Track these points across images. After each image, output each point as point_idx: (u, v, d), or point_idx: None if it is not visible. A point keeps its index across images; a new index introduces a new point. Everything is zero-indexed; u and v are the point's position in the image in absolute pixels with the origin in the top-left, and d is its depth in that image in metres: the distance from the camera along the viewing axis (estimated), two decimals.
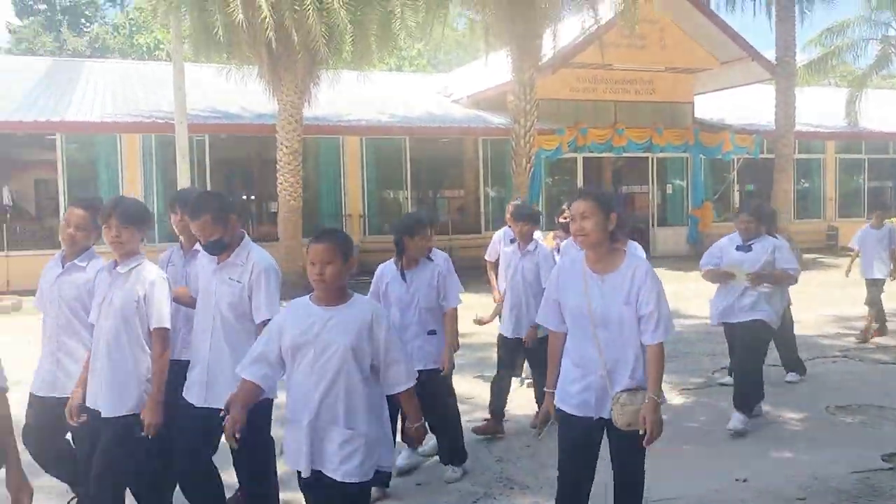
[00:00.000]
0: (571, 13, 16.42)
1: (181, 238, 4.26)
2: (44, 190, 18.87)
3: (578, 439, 3.35)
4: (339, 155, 17.03)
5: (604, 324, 3.27)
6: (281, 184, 14.07)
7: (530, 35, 15.19)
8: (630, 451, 3.33)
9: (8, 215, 16.53)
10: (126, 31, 49.28)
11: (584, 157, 19.02)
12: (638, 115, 18.98)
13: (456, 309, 4.85)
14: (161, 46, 44.29)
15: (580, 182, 19.06)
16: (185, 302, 3.97)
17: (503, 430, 5.66)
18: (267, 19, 11.92)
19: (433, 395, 4.59)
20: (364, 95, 17.30)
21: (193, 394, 3.73)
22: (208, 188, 16.07)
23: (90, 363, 3.71)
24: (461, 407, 5.21)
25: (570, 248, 5.57)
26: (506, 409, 5.73)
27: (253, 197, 18.81)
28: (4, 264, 14.17)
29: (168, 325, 3.68)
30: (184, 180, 13.43)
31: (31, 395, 4.02)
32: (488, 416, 5.70)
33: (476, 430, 5.55)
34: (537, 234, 5.92)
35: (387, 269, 4.80)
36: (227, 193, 4.62)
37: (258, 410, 3.37)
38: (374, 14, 13.03)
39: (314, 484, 3.08)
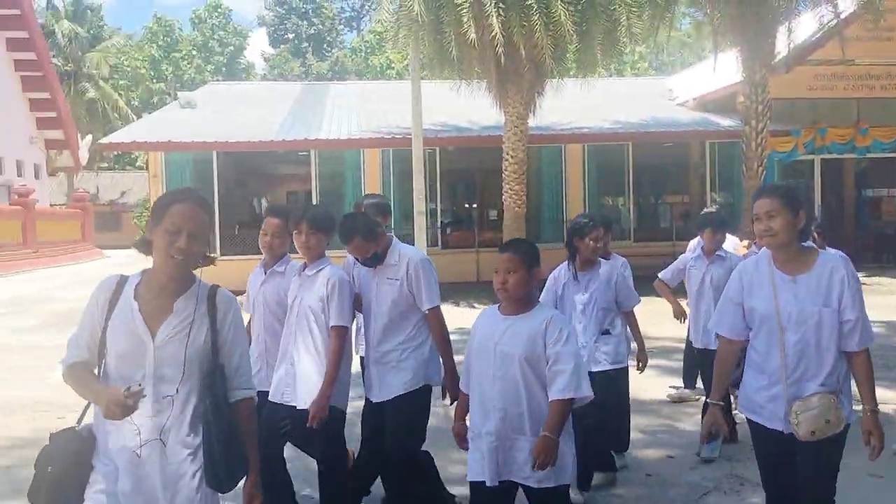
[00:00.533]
0: (808, 8, 15.56)
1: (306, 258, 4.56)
2: (294, 200, 21.16)
3: (773, 455, 3.15)
4: (561, 162, 17.45)
5: (796, 328, 3.03)
6: (506, 192, 14.72)
7: (762, 33, 14.60)
8: (816, 467, 3.03)
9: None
10: (362, 53, 53.13)
11: (822, 159, 17.85)
12: (884, 113, 17.47)
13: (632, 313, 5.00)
14: (392, 66, 47.43)
15: (817, 186, 17.92)
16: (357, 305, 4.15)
17: (737, 437, 5.48)
18: (497, 36, 12.61)
19: (616, 394, 4.77)
20: (586, 102, 17.56)
21: (371, 392, 4.08)
22: (438, 198, 17.23)
23: (279, 360, 3.98)
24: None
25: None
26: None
27: (475, 205, 19.76)
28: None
29: (345, 324, 3.88)
30: (419, 192, 14.51)
31: None
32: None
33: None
34: (731, 242, 5.87)
35: (561, 273, 4.83)
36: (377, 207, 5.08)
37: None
38: (599, 23, 13.27)
39: (499, 493, 3.08)
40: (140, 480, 2.37)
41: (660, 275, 6.11)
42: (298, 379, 3.87)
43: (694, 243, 6.53)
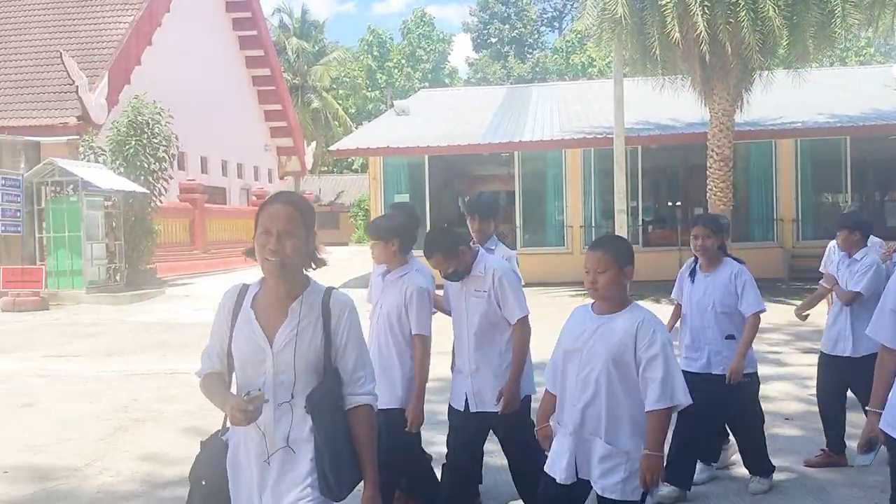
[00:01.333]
0: None
1: (475, 240, 4.60)
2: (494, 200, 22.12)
3: None
4: (771, 159, 16.88)
5: None
6: (710, 189, 14.57)
7: None
8: None
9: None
10: (563, 52, 53.54)
11: None
12: None
13: (757, 316, 4.52)
14: (594, 64, 47.41)
15: None
16: (442, 308, 4.20)
17: (846, 461, 5.02)
18: (702, 35, 12.60)
19: (737, 402, 4.55)
20: (798, 96, 16.84)
21: (461, 402, 3.99)
22: (640, 196, 17.33)
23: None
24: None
25: None
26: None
27: (678, 203, 19.55)
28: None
29: (425, 333, 3.91)
30: (620, 190, 14.77)
31: None
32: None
33: (808, 463, 5.11)
34: (873, 244, 5.50)
35: (686, 270, 4.74)
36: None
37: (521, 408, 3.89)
38: (811, 15, 12.82)
39: (571, 490, 3.03)
40: (265, 486, 2.37)
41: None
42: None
43: (832, 245, 6.27)
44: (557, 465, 3.02)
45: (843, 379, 5.11)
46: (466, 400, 3.95)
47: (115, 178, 16.08)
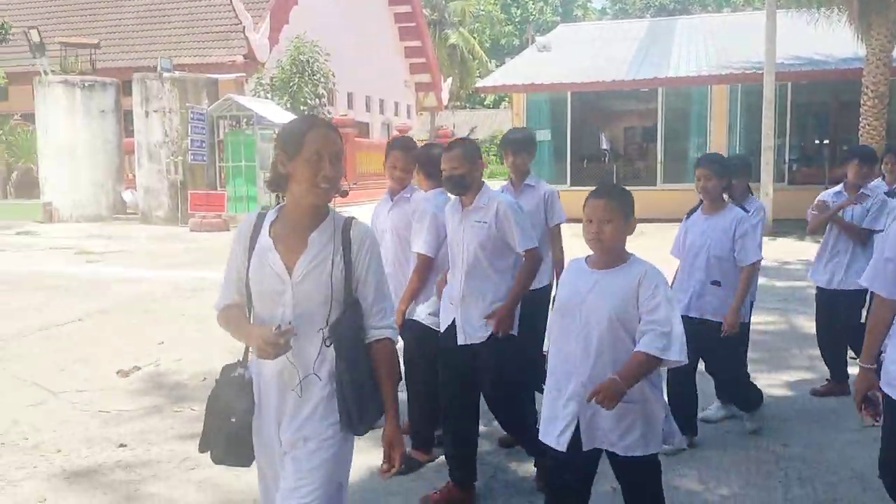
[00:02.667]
0: None
1: (512, 176, 4.70)
2: (630, 136, 22.21)
3: None
4: None
5: None
6: (863, 127, 14.36)
7: None
8: None
9: (606, 158, 20.22)
10: None
11: None
12: None
13: (753, 266, 4.35)
14: None
15: None
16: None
17: (849, 389, 5.02)
18: None
19: (718, 346, 4.36)
20: None
21: (451, 334, 3.82)
22: (788, 135, 17.16)
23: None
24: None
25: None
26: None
27: (826, 141, 19.10)
28: None
29: (419, 251, 4.08)
30: (767, 127, 14.80)
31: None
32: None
33: (814, 392, 5.29)
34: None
35: (692, 215, 4.54)
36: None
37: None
38: None
39: (578, 461, 2.84)
40: (291, 418, 2.34)
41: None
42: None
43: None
44: (553, 435, 2.84)
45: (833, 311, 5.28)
46: (455, 334, 3.80)
47: (283, 112, 17.60)
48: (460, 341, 3.77)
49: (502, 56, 49.90)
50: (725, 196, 4.44)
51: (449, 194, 3.99)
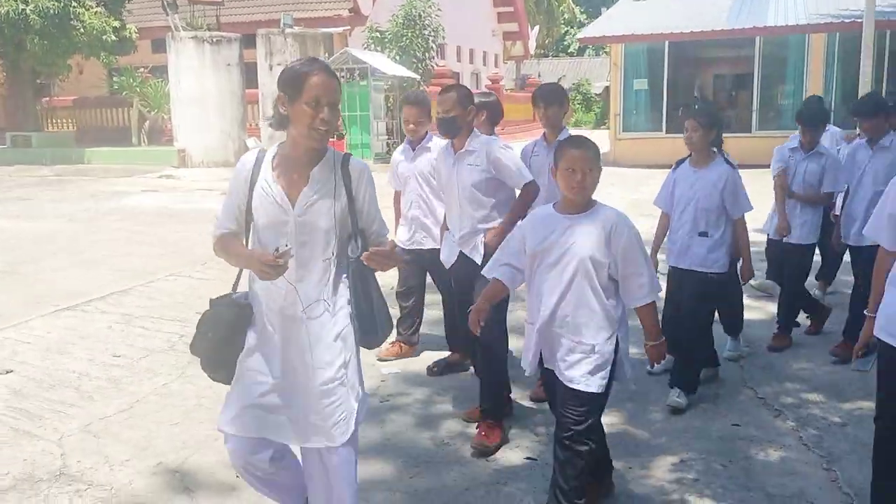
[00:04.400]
0: None
1: (546, 130, 4.65)
2: (721, 84, 22.48)
3: None
4: None
5: None
6: None
7: None
8: None
9: (696, 106, 20.60)
10: None
11: None
12: None
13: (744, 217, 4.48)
14: None
15: None
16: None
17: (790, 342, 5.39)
18: None
19: (692, 298, 4.45)
20: None
21: (452, 259, 4.25)
22: (884, 82, 17.42)
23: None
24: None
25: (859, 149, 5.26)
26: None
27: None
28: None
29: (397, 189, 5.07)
30: (866, 76, 15.19)
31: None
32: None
33: (771, 348, 5.35)
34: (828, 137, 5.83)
35: (679, 166, 4.63)
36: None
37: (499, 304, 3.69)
38: None
39: (552, 378, 3.16)
40: (291, 340, 2.56)
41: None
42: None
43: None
44: (524, 358, 3.23)
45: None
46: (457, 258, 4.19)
47: (394, 64, 18.81)
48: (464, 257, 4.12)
49: (584, 2, 49.66)
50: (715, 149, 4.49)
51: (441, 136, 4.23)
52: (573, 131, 4.12)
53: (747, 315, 5.50)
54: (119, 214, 11.86)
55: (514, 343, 4.51)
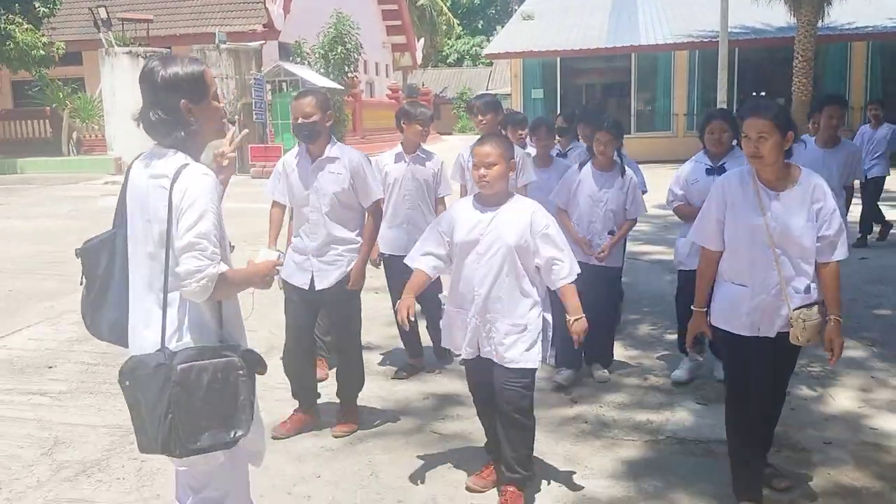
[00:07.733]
0: None
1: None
2: (603, 93, 25.63)
3: (750, 359, 3.22)
4: (845, 58, 20.35)
5: (783, 243, 3.08)
6: (795, 84, 18.33)
7: None
8: (788, 364, 3.29)
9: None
10: None
11: None
12: None
13: (636, 221, 4.94)
14: None
15: None
16: None
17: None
18: None
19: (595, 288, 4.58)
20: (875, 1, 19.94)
21: (298, 279, 4.03)
22: (735, 93, 21.04)
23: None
24: None
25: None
26: None
27: (763, 93, 23.08)
28: None
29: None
30: (722, 88, 18.56)
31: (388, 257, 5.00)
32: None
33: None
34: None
35: (585, 169, 4.88)
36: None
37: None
38: None
39: (476, 364, 3.37)
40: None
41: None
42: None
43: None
44: (454, 342, 3.40)
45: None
46: (312, 280, 4.00)
47: (321, 77, 20.71)
48: (318, 287, 3.99)
49: (460, 15, 52.49)
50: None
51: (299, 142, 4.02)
52: (459, 137, 6.16)
53: None
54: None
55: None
